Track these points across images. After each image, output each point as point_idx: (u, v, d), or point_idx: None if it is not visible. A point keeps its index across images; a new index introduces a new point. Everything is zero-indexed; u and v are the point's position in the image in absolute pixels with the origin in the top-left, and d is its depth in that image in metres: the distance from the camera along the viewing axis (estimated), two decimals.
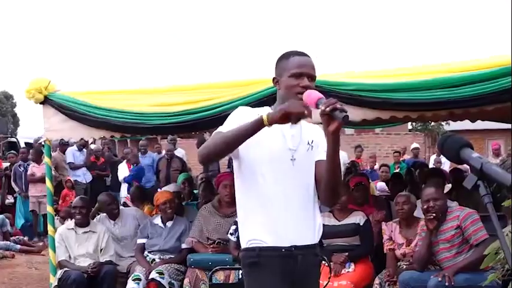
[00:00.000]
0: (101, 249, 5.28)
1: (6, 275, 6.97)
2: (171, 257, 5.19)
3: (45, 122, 5.24)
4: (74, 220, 5.41)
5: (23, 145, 13.25)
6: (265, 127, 2.14)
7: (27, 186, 9.75)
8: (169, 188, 6.36)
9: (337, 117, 2.04)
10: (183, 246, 5.21)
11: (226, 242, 4.89)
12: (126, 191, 9.66)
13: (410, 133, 21.24)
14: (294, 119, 2.12)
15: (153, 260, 5.18)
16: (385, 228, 4.71)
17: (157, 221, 5.38)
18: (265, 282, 2.33)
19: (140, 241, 5.35)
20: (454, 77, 3.95)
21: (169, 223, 5.34)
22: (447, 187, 6.10)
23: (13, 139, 15.65)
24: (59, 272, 5.11)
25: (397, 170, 10.36)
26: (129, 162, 10.37)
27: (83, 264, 5.16)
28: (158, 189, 7.30)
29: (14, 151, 11.75)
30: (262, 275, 2.33)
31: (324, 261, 2.64)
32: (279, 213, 2.31)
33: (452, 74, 3.97)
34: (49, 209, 5.52)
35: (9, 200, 10.71)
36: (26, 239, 9.12)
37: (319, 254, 2.45)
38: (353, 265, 4.64)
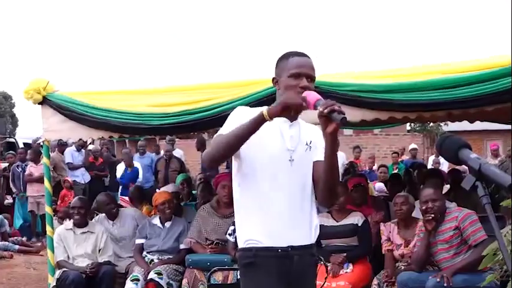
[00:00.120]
0: (99, 250, 5.28)
1: (4, 276, 6.96)
2: (170, 257, 5.19)
3: (43, 122, 5.24)
4: (72, 220, 5.40)
5: (21, 145, 13.25)
6: (266, 123, 2.16)
7: (25, 187, 9.74)
8: (168, 189, 6.35)
9: (335, 119, 2.06)
10: (182, 246, 5.21)
11: (225, 242, 4.89)
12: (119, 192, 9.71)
13: (409, 134, 21.26)
14: (294, 110, 2.14)
15: (152, 261, 5.18)
16: (384, 228, 4.71)
17: (156, 221, 5.38)
18: (261, 282, 2.34)
19: (139, 241, 5.34)
20: (453, 77, 3.94)
21: (167, 223, 5.33)
22: (445, 188, 6.11)
23: (12, 139, 15.58)
24: (58, 273, 5.11)
25: (396, 171, 10.36)
26: (124, 164, 10.40)
27: (81, 264, 5.15)
28: (157, 190, 7.29)
29: (12, 151, 11.72)
30: (258, 275, 2.33)
31: (321, 261, 2.64)
32: (276, 214, 2.31)
33: (452, 75, 3.96)
34: (47, 209, 5.52)
35: (8, 201, 10.71)
36: (25, 239, 9.11)
37: (316, 254, 2.46)
38: (351, 266, 4.64)
